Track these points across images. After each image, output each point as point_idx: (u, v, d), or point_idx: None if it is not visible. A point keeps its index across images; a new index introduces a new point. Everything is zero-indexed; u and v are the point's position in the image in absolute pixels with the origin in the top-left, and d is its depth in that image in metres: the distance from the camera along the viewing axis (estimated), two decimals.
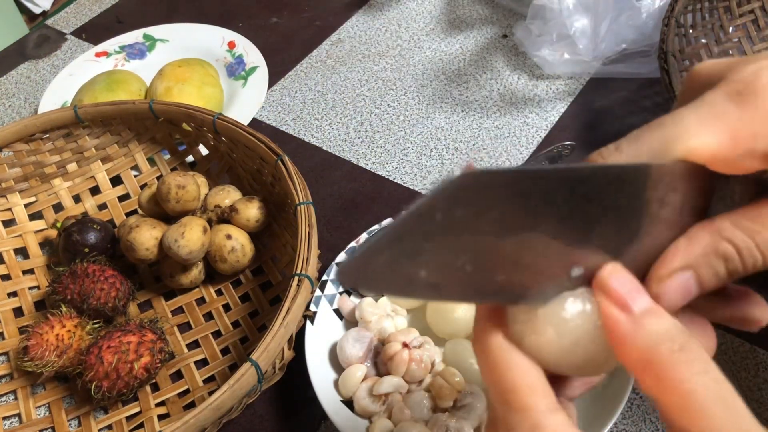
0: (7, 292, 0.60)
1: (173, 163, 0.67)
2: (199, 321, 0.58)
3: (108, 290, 0.55)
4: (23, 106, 0.81)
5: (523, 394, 0.21)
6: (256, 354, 0.44)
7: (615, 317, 0.20)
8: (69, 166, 0.65)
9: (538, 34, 0.73)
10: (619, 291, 0.21)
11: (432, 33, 0.83)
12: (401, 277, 0.19)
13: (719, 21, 0.68)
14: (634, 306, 0.20)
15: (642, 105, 0.71)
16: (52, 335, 0.52)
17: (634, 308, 0.20)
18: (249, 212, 0.57)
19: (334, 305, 0.54)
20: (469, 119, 0.72)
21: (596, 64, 0.73)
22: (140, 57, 0.84)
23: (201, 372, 0.55)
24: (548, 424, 0.20)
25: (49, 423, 0.53)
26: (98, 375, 0.49)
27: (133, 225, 0.56)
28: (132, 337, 0.50)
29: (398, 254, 0.18)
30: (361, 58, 0.81)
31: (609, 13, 0.70)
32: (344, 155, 0.70)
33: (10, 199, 0.64)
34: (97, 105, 0.63)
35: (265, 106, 0.77)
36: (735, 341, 0.52)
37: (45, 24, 0.93)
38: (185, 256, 0.54)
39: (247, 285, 0.60)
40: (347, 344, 0.50)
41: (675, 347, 0.19)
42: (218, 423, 0.46)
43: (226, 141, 0.61)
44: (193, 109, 0.60)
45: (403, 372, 0.49)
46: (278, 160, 0.55)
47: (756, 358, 0.51)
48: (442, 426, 0.45)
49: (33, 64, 0.86)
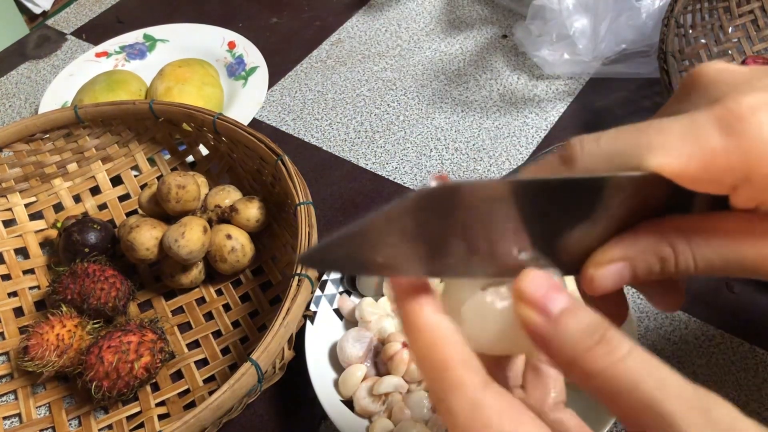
0: (8, 292, 0.60)
1: (173, 163, 0.67)
2: (199, 321, 0.58)
3: (108, 290, 0.55)
4: (23, 106, 0.81)
5: (456, 371, 0.21)
6: (256, 354, 0.44)
7: (533, 321, 0.21)
8: (69, 166, 0.66)
9: (538, 34, 0.73)
10: (535, 295, 0.21)
11: (432, 33, 0.83)
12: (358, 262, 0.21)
13: (719, 21, 0.68)
14: (552, 307, 0.21)
15: (642, 105, 0.71)
16: (52, 335, 0.52)
17: (552, 309, 0.21)
18: (249, 212, 0.57)
19: (334, 305, 0.54)
20: (468, 119, 0.72)
21: (596, 64, 0.73)
22: (140, 57, 0.84)
23: (201, 372, 0.55)
24: (487, 400, 0.20)
25: (49, 423, 0.53)
26: (98, 375, 0.49)
27: (134, 225, 0.56)
28: (132, 337, 0.50)
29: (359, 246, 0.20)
30: (361, 58, 0.81)
31: (609, 13, 0.70)
32: (344, 155, 0.70)
33: (11, 199, 0.64)
34: (98, 105, 0.63)
35: (265, 106, 0.77)
36: (735, 341, 0.52)
37: (45, 24, 0.93)
38: (185, 256, 0.54)
39: (247, 285, 0.60)
40: (347, 344, 0.50)
41: (593, 342, 0.20)
42: (218, 423, 0.46)
43: (226, 141, 0.61)
44: (193, 109, 0.60)
45: (403, 372, 0.49)
46: (278, 160, 0.55)
47: (756, 358, 0.51)
48: (442, 426, 0.46)
49: (33, 64, 0.87)
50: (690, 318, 0.54)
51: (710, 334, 0.53)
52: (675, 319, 0.54)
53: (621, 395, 0.19)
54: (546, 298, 0.21)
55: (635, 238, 0.23)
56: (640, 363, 0.20)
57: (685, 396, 0.19)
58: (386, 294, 0.54)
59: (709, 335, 0.53)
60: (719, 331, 0.53)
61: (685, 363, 0.51)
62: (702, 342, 0.53)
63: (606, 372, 0.20)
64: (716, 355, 0.52)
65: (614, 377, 0.20)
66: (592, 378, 0.20)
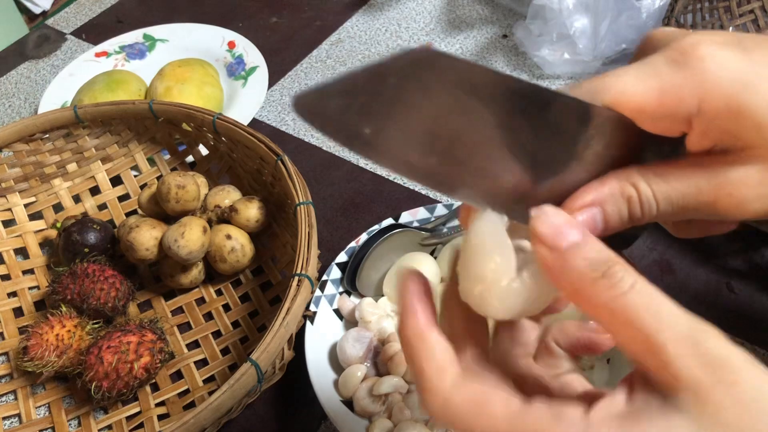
0: (7, 292, 0.60)
1: (173, 163, 0.67)
2: (199, 321, 0.58)
3: (108, 290, 0.55)
4: (23, 106, 0.81)
5: (429, 378, 0.23)
6: (256, 354, 0.44)
7: (544, 256, 0.22)
8: (69, 166, 0.65)
9: (538, 34, 0.73)
10: (546, 232, 0.22)
11: (432, 33, 0.83)
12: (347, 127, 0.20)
13: (719, 21, 0.68)
14: (562, 241, 0.22)
15: None
16: (52, 335, 0.52)
17: (563, 244, 0.22)
18: (249, 212, 0.57)
19: (334, 305, 0.54)
20: None
21: (596, 64, 0.73)
22: (140, 57, 0.84)
23: (201, 372, 0.55)
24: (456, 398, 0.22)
25: (49, 423, 0.53)
26: (98, 375, 0.49)
27: (133, 225, 0.56)
28: (132, 337, 0.50)
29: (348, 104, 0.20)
30: (361, 58, 0.81)
31: (609, 12, 0.70)
32: (344, 155, 0.70)
33: (10, 199, 0.64)
34: (97, 105, 0.63)
35: (265, 106, 0.77)
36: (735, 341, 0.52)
37: (45, 24, 0.93)
38: (185, 256, 0.54)
39: (247, 285, 0.60)
40: (347, 344, 0.50)
41: (598, 275, 0.21)
42: (218, 423, 0.45)
43: (226, 141, 0.61)
44: (193, 109, 0.60)
45: (403, 372, 0.49)
46: (278, 160, 0.55)
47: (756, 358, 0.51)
48: (442, 426, 0.45)
49: (33, 64, 0.87)
50: None
51: None
52: None
53: (620, 326, 0.21)
54: (556, 235, 0.22)
55: (602, 184, 0.25)
56: (640, 297, 0.21)
57: (678, 328, 0.20)
58: (386, 294, 0.54)
59: None
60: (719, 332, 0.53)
61: None
62: None
63: (608, 304, 0.21)
64: None
65: (615, 309, 0.21)
66: (595, 309, 0.21)
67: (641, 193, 0.24)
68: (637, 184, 0.24)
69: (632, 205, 0.24)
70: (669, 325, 0.20)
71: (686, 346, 0.20)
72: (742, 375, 0.20)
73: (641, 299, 0.21)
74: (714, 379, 0.19)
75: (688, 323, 0.20)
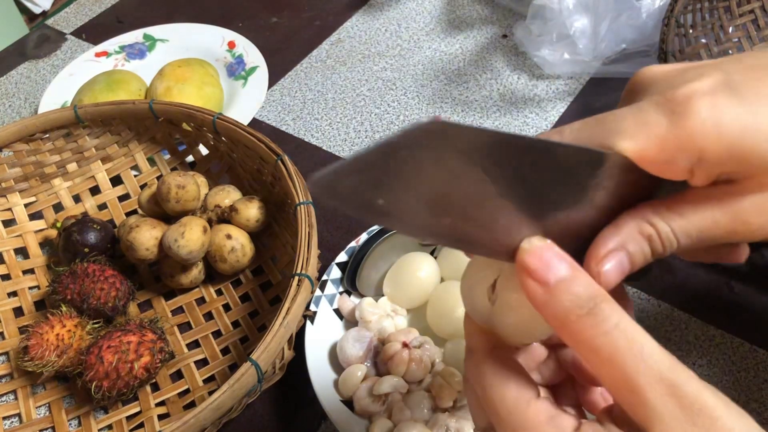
0: (7, 292, 0.60)
1: (173, 163, 0.67)
2: (199, 321, 0.58)
3: (108, 290, 0.55)
4: (23, 106, 0.81)
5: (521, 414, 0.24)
6: (256, 354, 0.44)
7: (533, 290, 0.23)
8: (69, 166, 0.65)
9: (538, 34, 0.73)
10: (534, 266, 0.23)
11: (432, 33, 0.83)
12: (362, 201, 0.21)
13: (719, 21, 0.68)
14: (550, 277, 0.23)
15: None
16: (52, 335, 0.52)
17: (551, 279, 0.23)
18: (249, 212, 0.57)
19: (334, 305, 0.54)
20: (469, 119, 0.72)
21: (596, 64, 0.73)
22: (140, 57, 0.84)
23: (201, 372, 0.55)
24: None
25: (49, 423, 0.53)
26: (98, 375, 0.49)
27: (133, 225, 0.56)
28: (132, 337, 0.50)
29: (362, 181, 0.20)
30: (361, 58, 0.81)
31: (609, 13, 0.70)
32: (344, 155, 0.70)
33: (10, 199, 0.64)
34: (97, 105, 0.63)
35: (265, 106, 0.77)
36: (735, 341, 0.52)
37: (45, 24, 0.93)
38: (185, 256, 0.54)
39: (247, 285, 0.60)
40: (347, 344, 0.50)
41: (583, 312, 0.22)
42: (218, 423, 0.46)
43: (226, 141, 0.61)
44: (193, 109, 0.60)
45: (403, 372, 0.49)
46: (278, 160, 0.55)
47: (756, 358, 0.51)
48: (442, 426, 0.45)
49: (33, 64, 0.87)
50: (690, 318, 0.54)
51: (710, 334, 0.53)
52: (675, 319, 0.54)
53: (602, 363, 0.22)
54: (544, 269, 0.23)
55: (618, 227, 0.25)
56: (622, 336, 0.21)
57: (658, 370, 0.21)
58: (386, 293, 0.54)
59: (709, 335, 0.53)
60: (719, 331, 0.53)
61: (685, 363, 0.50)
62: (702, 342, 0.52)
63: (590, 342, 0.22)
64: (716, 355, 0.52)
65: (597, 347, 0.22)
66: (579, 344, 0.22)
67: (660, 231, 0.24)
68: (655, 223, 0.25)
69: (653, 243, 0.25)
70: (649, 365, 0.21)
71: (664, 386, 0.21)
72: (717, 415, 0.20)
73: (624, 339, 0.21)
74: (690, 420, 0.20)
75: (668, 364, 0.21)
